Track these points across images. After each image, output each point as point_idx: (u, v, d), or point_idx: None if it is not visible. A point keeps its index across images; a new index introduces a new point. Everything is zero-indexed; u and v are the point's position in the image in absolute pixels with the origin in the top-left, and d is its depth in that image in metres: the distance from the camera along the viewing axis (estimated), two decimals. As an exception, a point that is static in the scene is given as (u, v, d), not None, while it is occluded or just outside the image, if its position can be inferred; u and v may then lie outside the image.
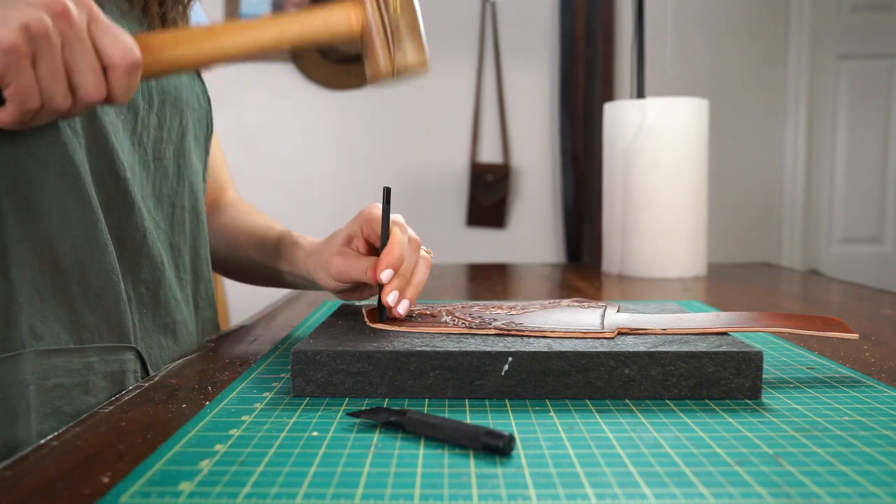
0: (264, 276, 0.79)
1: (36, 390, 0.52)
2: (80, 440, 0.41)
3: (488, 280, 1.25)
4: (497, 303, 0.68)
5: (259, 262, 0.78)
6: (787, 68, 2.47)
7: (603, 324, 0.56)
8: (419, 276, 0.61)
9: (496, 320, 0.58)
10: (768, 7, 2.46)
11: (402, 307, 0.58)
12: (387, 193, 0.59)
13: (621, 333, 0.54)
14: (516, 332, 0.54)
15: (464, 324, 0.57)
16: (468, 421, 0.43)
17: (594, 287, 1.15)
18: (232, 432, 0.42)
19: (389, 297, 0.58)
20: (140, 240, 0.59)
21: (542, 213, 2.48)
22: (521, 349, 0.48)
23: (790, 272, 1.44)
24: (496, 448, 0.38)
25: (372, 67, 0.59)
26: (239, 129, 2.39)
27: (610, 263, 1.33)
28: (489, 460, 0.37)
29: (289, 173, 2.43)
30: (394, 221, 0.61)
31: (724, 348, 0.48)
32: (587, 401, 0.48)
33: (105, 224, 0.55)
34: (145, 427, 0.43)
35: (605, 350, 0.48)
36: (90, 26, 0.46)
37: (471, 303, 0.68)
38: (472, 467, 0.36)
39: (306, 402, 0.48)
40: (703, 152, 1.27)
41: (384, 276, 0.58)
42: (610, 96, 2.35)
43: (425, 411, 0.46)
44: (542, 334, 0.53)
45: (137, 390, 0.52)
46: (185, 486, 0.34)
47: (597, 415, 0.45)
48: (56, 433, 0.43)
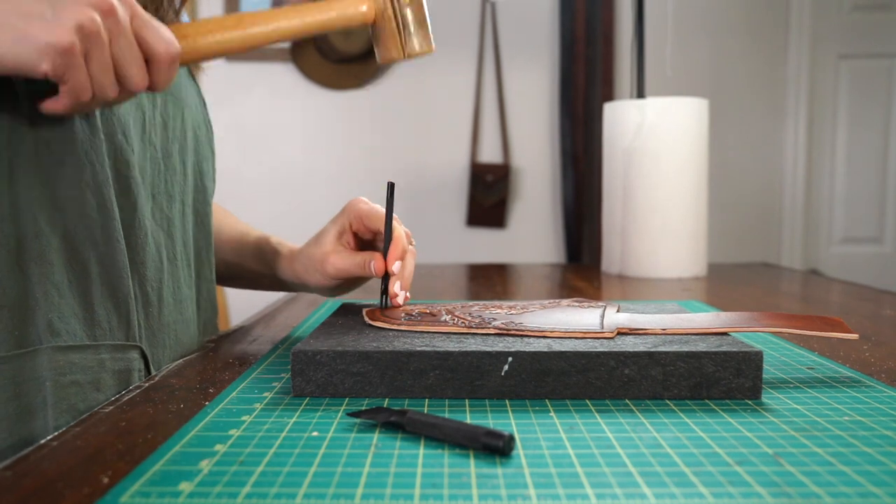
0: (241, 279, 0.81)
1: (53, 387, 0.52)
2: (80, 440, 0.41)
3: (488, 280, 1.25)
4: (497, 303, 0.68)
5: (236, 264, 0.79)
6: (788, 68, 2.47)
7: (603, 324, 0.56)
8: (409, 267, 0.66)
9: (496, 320, 0.58)
10: (768, 7, 2.46)
11: (402, 297, 0.64)
12: (391, 188, 0.63)
13: (621, 333, 0.54)
14: (516, 332, 0.54)
15: (464, 323, 0.57)
16: (468, 421, 0.43)
17: (594, 287, 1.15)
18: (232, 432, 0.42)
19: (396, 286, 0.63)
20: (143, 238, 0.59)
21: (542, 213, 2.48)
22: (521, 349, 0.48)
23: (790, 272, 1.44)
24: (496, 448, 0.38)
25: (383, 52, 0.65)
26: (239, 129, 2.39)
27: (610, 263, 1.33)
28: (489, 460, 0.37)
29: (289, 173, 2.43)
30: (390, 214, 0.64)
31: (724, 348, 0.48)
32: (587, 401, 0.48)
33: (119, 221, 0.56)
34: (145, 427, 0.43)
35: (605, 350, 0.48)
36: (133, 21, 0.49)
37: (471, 303, 0.68)
38: (472, 467, 0.36)
39: (306, 402, 0.48)
40: (703, 152, 1.27)
41: (396, 267, 0.63)
42: (610, 96, 2.35)
43: (425, 411, 0.46)
44: (542, 334, 0.53)
45: (137, 390, 0.52)
46: (185, 486, 0.34)
47: (597, 415, 0.45)
48: (56, 433, 0.43)
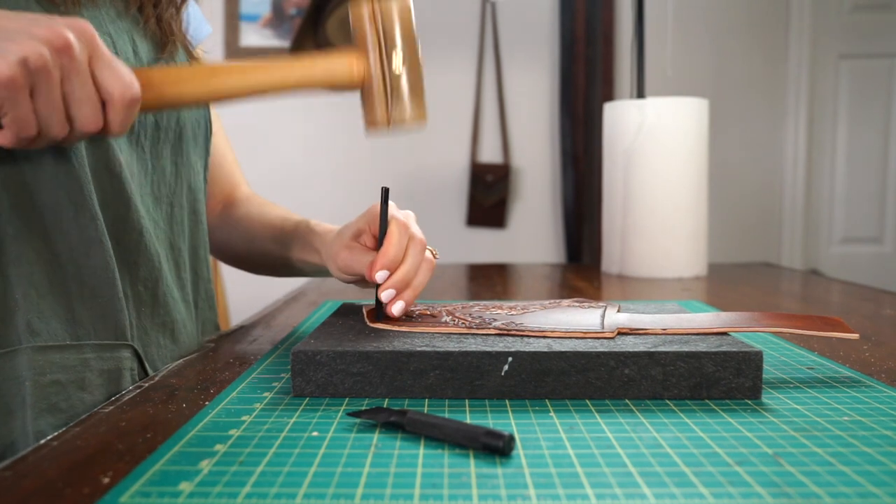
0: (281, 266, 0.80)
1: (32, 386, 0.52)
2: (80, 440, 0.41)
3: (488, 280, 1.25)
4: (497, 303, 0.68)
5: (275, 253, 0.78)
6: (788, 68, 2.47)
7: (603, 324, 0.56)
8: (420, 278, 0.60)
9: (496, 320, 0.58)
10: (768, 7, 2.46)
11: (396, 308, 0.58)
12: (384, 194, 0.60)
13: (621, 333, 0.54)
14: (516, 332, 0.53)
15: (464, 324, 0.57)
16: (468, 421, 0.43)
17: (594, 287, 1.15)
18: (232, 432, 0.42)
19: (384, 295, 0.58)
20: (137, 238, 0.59)
21: (542, 213, 2.48)
22: (521, 349, 0.48)
23: (790, 272, 1.44)
24: (496, 448, 0.38)
25: (368, 117, 0.60)
26: (239, 129, 2.39)
27: (610, 263, 1.33)
28: (489, 460, 0.37)
29: (289, 174, 2.43)
30: (396, 220, 0.60)
31: (724, 348, 0.48)
32: (587, 401, 0.48)
33: (103, 221, 0.56)
34: (145, 427, 0.43)
35: (605, 350, 0.48)
36: (91, 60, 0.47)
37: (471, 303, 0.68)
38: (472, 467, 0.36)
39: (306, 402, 0.48)
40: (703, 152, 1.27)
41: (378, 276, 0.57)
42: (610, 96, 2.35)
43: (425, 411, 0.46)
44: (542, 334, 0.53)
45: (137, 390, 0.52)
46: (185, 486, 0.34)
47: (597, 415, 0.45)
48: (56, 433, 0.43)
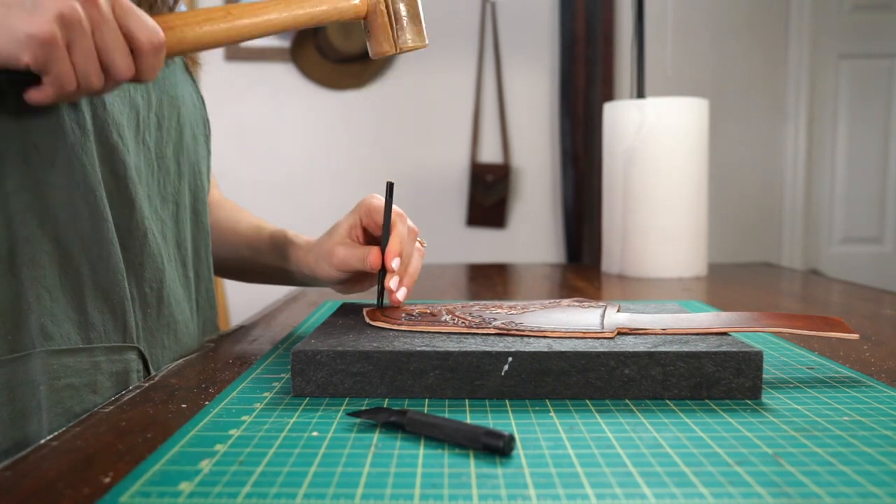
0: (256, 273, 0.81)
1: (47, 390, 0.51)
2: (80, 440, 0.41)
3: (488, 280, 1.25)
4: (497, 302, 0.68)
5: (251, 259, 0.79)
6: (788, 68, 2.47)
7: (603, 324, 0.56)
8: (414, 264, 0.65)
9: (496, 320, 0.58)
10: (768, 7, 2.46)
11: (401, 294, 0.63)
12: (389, 188, 0.63)
13: (621, 333, 0.54)
14: (516, 332, 0.53)
15: (464, 323, 0.57)
16: (468, 421, 0.43)
17: (594, 287, 1.15)
18: (232, 432, 0.42)
19: (392, 282, 0.62)
20: (142, 239, 0.59)
21: (542, 213, 2.48)
22: (521, 349, 0.48)
23: (790, 272, 1.44)
24: (496, 448, 0.38)
25: (375, 46, 0.64)
26: (239, 129, 2.39)
27: (610, 263, 1.33)
28: (489, 460, 0.37)
29: (289, 173, 2.43)
30: (395, 211, 0.64)
31: (724, 348, 0.48)
32: (587, 401, 0.48)
33: (111, 223, 0.56)
34: (145, 427, 0.43)
35: (605, 350, 0.48)
36: (115, 10, 0.48)
37: (471, 303, 0.68)
38: (472, 467, 0.36)
39: (306, 402, 0.48)
40: (703, 152, 1.27)
41: (394, 264, 0.61)
42: (610, 96, 2.35)
43: (425, 411, 0.46)
44: (542, 334, 0.53)
45: (137, 390, 0.52)
46: (185, 486, 0.34)
47: (597, 415, 0.45)
48: (56, 433, 0.43)
